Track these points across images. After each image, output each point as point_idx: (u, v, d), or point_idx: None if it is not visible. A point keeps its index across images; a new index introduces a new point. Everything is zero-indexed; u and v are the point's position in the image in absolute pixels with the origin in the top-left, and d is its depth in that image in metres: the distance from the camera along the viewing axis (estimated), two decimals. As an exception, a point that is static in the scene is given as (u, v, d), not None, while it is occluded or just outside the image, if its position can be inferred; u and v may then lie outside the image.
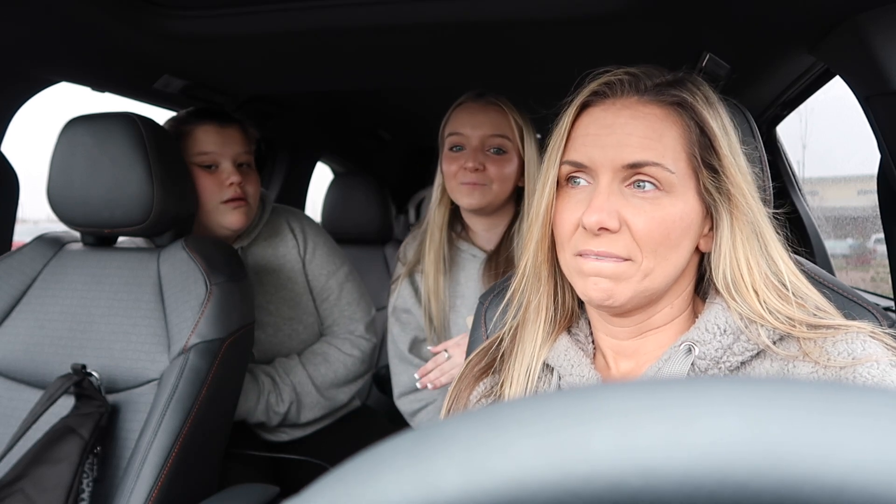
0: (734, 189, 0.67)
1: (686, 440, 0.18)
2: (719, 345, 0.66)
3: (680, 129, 0.68)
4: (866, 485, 0.17)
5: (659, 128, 0.68)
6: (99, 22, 1.17)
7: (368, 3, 1.12)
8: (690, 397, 0.19)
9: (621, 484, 0.18)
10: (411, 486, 0.19)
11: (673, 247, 0.67)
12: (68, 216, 1.31)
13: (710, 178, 0.68)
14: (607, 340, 0.76)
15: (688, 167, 0.68)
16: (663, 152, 0.67)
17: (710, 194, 0.68)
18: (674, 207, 0.67)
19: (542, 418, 0.19)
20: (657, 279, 0.68)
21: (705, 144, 0.68)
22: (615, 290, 0.67)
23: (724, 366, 0.66)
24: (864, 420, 0.18)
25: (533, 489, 0.18)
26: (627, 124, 0.68)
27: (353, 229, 2.48)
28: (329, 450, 1.60)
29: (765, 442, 0.18)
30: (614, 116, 0.69)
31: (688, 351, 0.67)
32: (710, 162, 0.68)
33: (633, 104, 0.70)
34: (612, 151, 0.67)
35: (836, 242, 2.14)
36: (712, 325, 0.67)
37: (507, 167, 1.39)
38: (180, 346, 1.21)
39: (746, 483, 0.17)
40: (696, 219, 0.69)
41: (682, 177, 0.67)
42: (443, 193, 1.47)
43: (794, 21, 1.05)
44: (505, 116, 1.40)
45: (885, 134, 0.97)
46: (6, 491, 1.09)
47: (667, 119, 0.69)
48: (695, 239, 0.70)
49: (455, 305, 1.48)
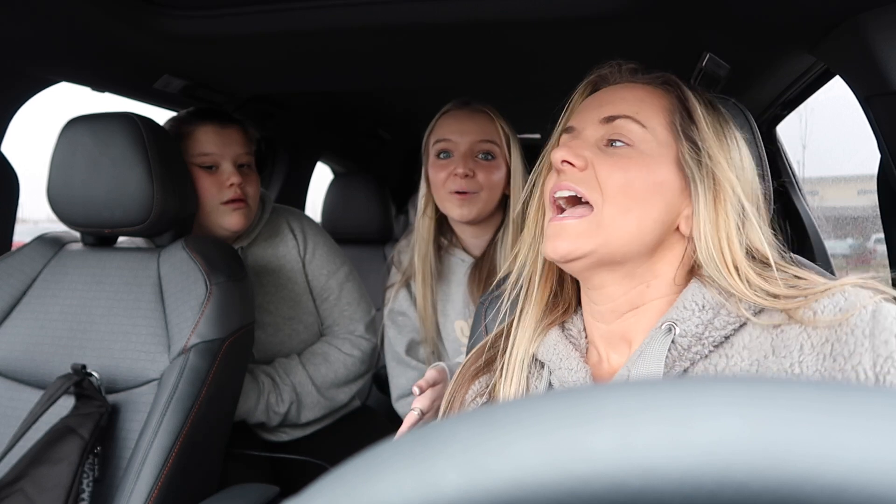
0: (714, 165, 0.69)
1: (686, 440, 0.18)
2: (699, 321, 0.66)
3: (665, 101, 0.73)
4: (866, 485, 0.17)
5: (643, 95, 0.74)
6: (99, 22, 1.17)
7: (368, 3, 1.12)
8: (691, 397, 0.19)
9: (621, 484, 0.18)
10: (411, 487, 0.19)
11: (638, 200, 0.68)
12: (68, 216, 1.31)
13: (690, 150, 0.70)
14: (597, 328, 0.75)
15: (667, 133, 0.71)
16: (639, 108, 0.72)
17: (688, 166, 0.69)
18: (643, 162, 0.69)
19: (541, 418, 0.19)
20: (619, 232, 0.68)
21: (688, 122, 0.71)
22: (573, 245, 0.68)
23: (708, 341, 0.66)
24: (865, 420, 0.18)
25: (532, 489, 0.18)
26: (615, 92, 0.75)
27: (353, 229, 2.48)
28: (329, 450, 1.60)
29: (765, 442, 0.17)
30: (607, 91, 0.77)
31: (668, 331, 0.67)
32: (692, 136, 0.70)
33: (627, 83, 0.77)
34: (595, 112, 0.74)
35: (836, 242, 2.14)
36: (690, 301, 0.67)
37: (496, 173, 1.38)
38: (180, 346, 1.21)
39: (746, 483, 0.17)
40: (668, 184, 0.69)
41: (659, 140, 0.71)
42: (427, 203, 1.44)
43: (794, 21, 1.05)
44: (492, 123, 1.39)
45: (885, 134, 0.97)
46: (6, 491, 1.09)
47: (654, 93, 0.74)
48: (668, 207, 0.70)
49: (446, 311, 1.47)
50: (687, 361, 0.66)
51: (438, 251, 1.47)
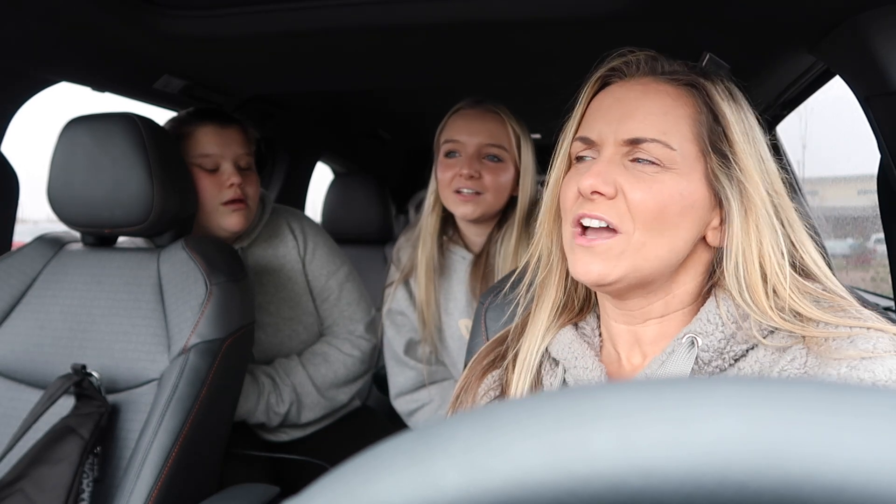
0: (745, 179, 0.66)
1: (686, 440, 0.18)
2: (721, 335, 0.65)
3: (690, 109, 0.68)
4: (866, 485, 0.17)
5: (667, 105, 0.68)
6: (99, 22, 1.17)
7: (368, 3, 1.12)
8: (691, 397, 0.19)
9: (621, 484, 0.18)
10: (411, 486, 0.19)
11: (669, 224, 0.66)
12: (68, 216, 1.31)
13: (719, 163, 0.67)
14: (614, 328, 0.75)
15: (695, 148, 0.67)
16: (666, 129, 0.67)
17: (718, 181, 0.67)
18: (674, 183, 0.66)
19: (542, 418, 0.19)
20: (650, 257, 0.67)
21: (717, 130, 0.68)
22: (605, 269, 0.66)
23: (729, 356, 0.65)
24: (865, 420, 0.18)
25: (533, 489, 0.18)
26: (636, 99, 0.69)
27: (353, 229, 2.48)
28: (329, 450, 1.60)
29: (765, 442, 0.18)
30: (626, 91, 0.71)
31: (691, 344, 0.66)
32: (721, 148, 0.67)
33: (648, 82, 0.71)
34: (616, 125, 0.68)
35: (836, 242, 2.14)
36: (713, 315, 0.66)
37: (503, 176, 1.37)
38: (180, 346, 1.21)
39: (746, 483, 0.17)
40: (699, 202, 0.67)
41: (687, 156, 0.67)
42: (436, 200, 1.45)
43: (794, 21, 1.05)
44: (503, 125, 1.38)
45: (885, 134, 0.97)
46: (6, 491, 1.09)
47: (678, 98, 0.69)
48: (698, 224, 0.68)
49: (448, 309, 1.48)
50: (707, 376, 0.66)
51: (441, 248, 1.48)
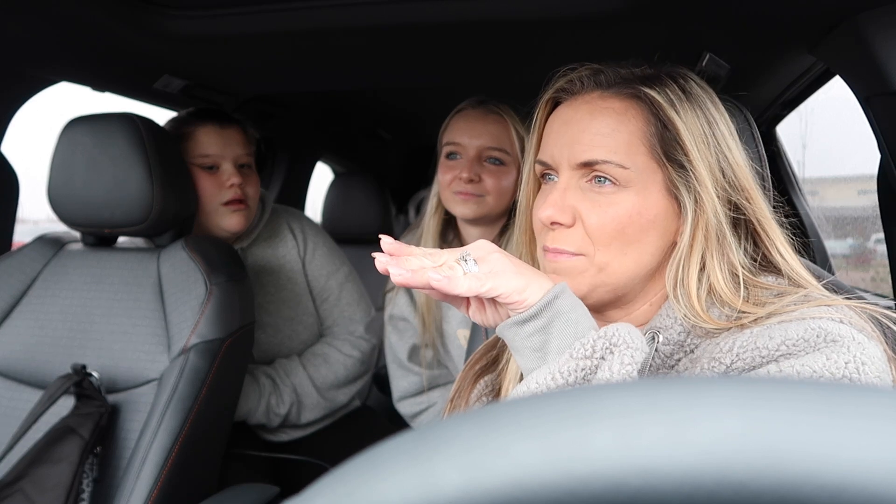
0: (699, 185, 0.66)
1: (685, 440, 0.18)
2: (681, 328, 0.67)
3: (639, 122, 0.67)
4: (866, 485, 0.17)
5: (614, 122, 0.67)
6: (99, 22, 1.17)
7: (368, 3, 1.12)
8: (690, 397, 0.19)
9: (621, 484, 0.18)
10: (411, 487, 0.19)
11: (630, 242, 0.67)
12: (68, 216, 1.31)
13: (677, 173, 0.66)
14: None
15: (650, 160, 0.67)
16: (615, 148, 0.66)
17: (677, 189, 0.67)
18: (630, 203, 0.66)
19: (541, 418, 0.19)
20: (615, 273, 0.68)
21: (668, 137, 0.67)
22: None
23: (689, 348, 0.67)
24: (865, 420, 0.18)
25: (533, 489, 0.18)
26: (582, 120, 0.69)
27: (353, 229, 2.48)
28: (329, 450, 1.60)
29: (764, 441, 0.18)
30: (573, 112, 0.70)
31: (652, 339, 0.68)
32: (676, 156, 0.66)
33: (594, 99, 0.70)
34: (567, 150, 0.69)
35: (836, 242, 2.14)
36: (673, 311, 0.68)
37: (505, 179, 1.35)
38: (180, 346, 1.21)
39: (746, 483, 0.17)
40: (661, 215, 0.67)
41: (642, 171, 0.67)
42: (438, 203, 1.44)
43: (794, 21, 1.05)
44: (505, 127, 1.35)
45: (885, 134, 0.97)
46: (6, 491, 1.09)
47: (625, 113, 0.68)
48: (664, 235, 0.68)
49: (447, 316, 1.47)
50: (669, 368, 0.68)
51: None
